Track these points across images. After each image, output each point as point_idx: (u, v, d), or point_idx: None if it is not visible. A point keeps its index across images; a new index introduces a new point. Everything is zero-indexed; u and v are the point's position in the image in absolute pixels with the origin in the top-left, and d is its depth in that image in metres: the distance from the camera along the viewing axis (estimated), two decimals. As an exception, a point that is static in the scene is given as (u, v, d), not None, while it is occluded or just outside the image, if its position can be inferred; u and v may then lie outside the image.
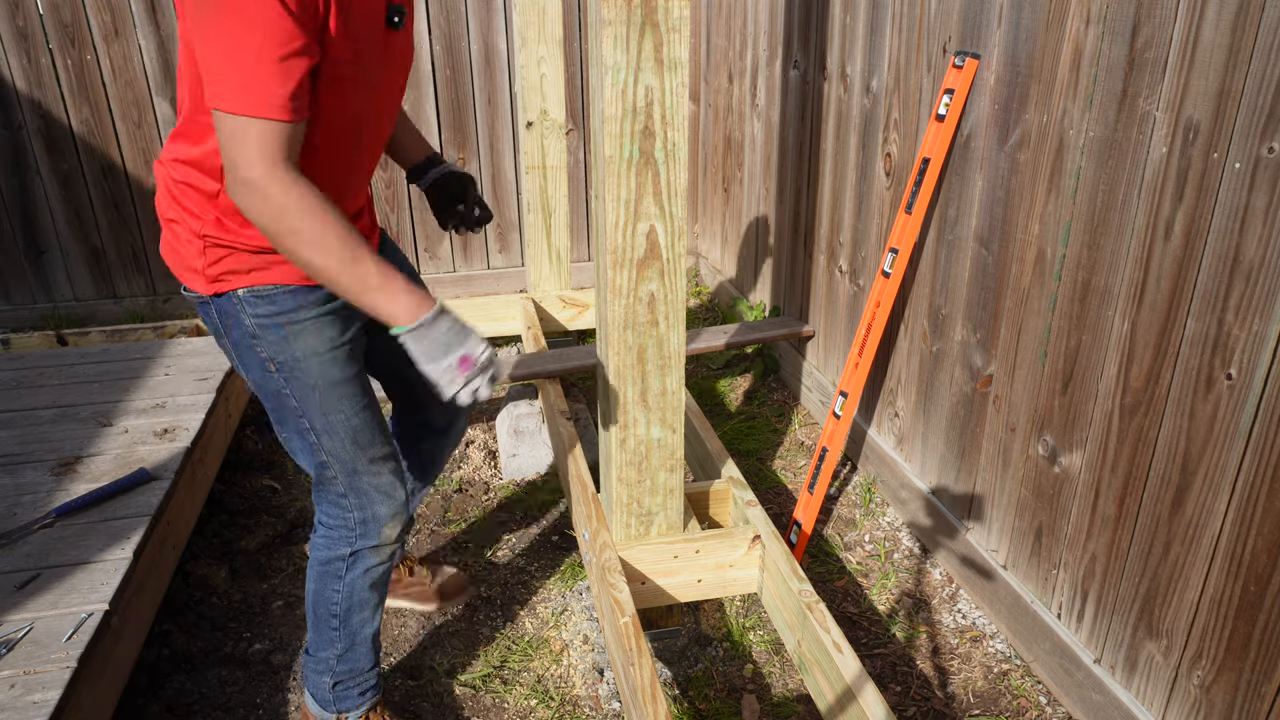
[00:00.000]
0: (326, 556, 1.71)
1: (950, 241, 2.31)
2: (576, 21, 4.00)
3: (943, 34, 2.26)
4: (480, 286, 4.26)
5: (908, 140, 2.45)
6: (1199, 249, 1.56)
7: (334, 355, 1.56)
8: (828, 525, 2.70)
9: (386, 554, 1.74)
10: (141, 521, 2.09)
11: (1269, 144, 1.42)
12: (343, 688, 1.82)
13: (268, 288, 1.50)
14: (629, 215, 1.71)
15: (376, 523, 1.68)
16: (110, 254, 3.90)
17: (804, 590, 1.90)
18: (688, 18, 1.60)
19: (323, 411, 1.57)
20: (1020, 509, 2.14)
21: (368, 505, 1.67)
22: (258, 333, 1.52)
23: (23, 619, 1.79)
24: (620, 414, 1.89)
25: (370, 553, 1.72)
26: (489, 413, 3.36)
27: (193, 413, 2.62)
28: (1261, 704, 1.53)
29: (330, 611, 1.75)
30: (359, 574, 1.72)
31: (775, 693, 2.10)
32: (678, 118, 1.66)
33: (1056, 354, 1.96)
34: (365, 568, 1.72)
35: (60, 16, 3.55)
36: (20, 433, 2.52)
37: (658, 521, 2.03)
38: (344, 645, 1.78)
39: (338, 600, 1.74)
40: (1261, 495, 1.49)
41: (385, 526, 1.69)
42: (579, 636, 2.25)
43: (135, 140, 3.76)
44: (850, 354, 2.53)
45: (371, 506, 1.67)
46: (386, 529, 1.70)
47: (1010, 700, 2.05)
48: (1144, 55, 1.65)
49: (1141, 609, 1.79)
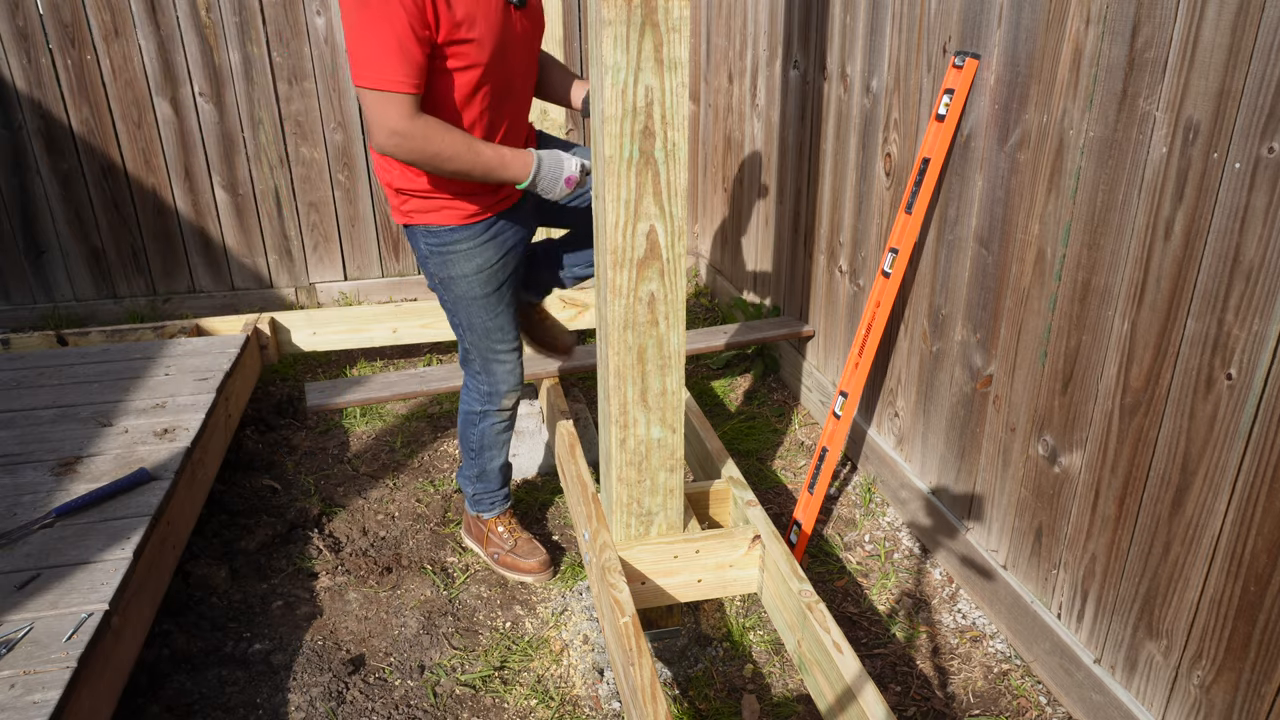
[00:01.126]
0: (466, 409, 2.39)
1: (950, 241, 2.31)
2: (576, 21, 4.00)
3: (943, 34, 2.26)
4: (480, 286, 4.25)
5: (908, 140, 2.45)
6: (1199, 249, 1.56)
7: (478, 278, 2.12)
8: (828, 525, 2.70)
9: (506, 415, 2.40)
10: (141, 521, 2.09)
11: (1269, 144, 1.42)
12: (479, 497, 2.51)
13: (434, 227, 2.06)
14: (629, 215, 1.71)
15: (498, 395, 2.33)
16: (110, 254, 3.90)
17: (804, 590, 1.90)
18: (688, 18, 1.60)
19: (467, 314, 2.19)
20: (1020, 509, 2.14)
21: (494, 383, 2.31)
22: (428, 255, 2.11)
23: (23, 619, 1.79)
24: (620, 414, 1.89)
25: (494, 413, 2.38)
26: (489, 413, 3.36)
27: (193, 413, 2.62)
28: (1261, 704, 1.53)
29: (469, 445, 2.43)
30: (487, 425, 2.39)
31: (775, 693, 2.10)
32: (678, 118, 1.66)
33: (1056, 354, 1.95)
34: (491, 423, 2.39)
35: (60, 16, 3.55)
36: (20, 433, 2.52)
37: (658, 521, 2.03)
38: (478, 469, 2.46)
39: (474, 439, 2.41)
40: (1261, 495, 1.49)
41: (504, 398, 2.34)
42: (579, 636, 2.25)
43: (135, 140, 3.76)
44: (850, 354, 2.53)
45: (496, 384, 2.31)
46: (505, 400, 2.34)
47: (1010, 700, 2.05)
48: (1144, 55, 1.65)
49: (1141, 609, 1.79)
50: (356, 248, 4.12)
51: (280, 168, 3.92)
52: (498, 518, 2.54)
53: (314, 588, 2.44)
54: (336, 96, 3.86)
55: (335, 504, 2.83)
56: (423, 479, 2.96)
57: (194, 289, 4.04)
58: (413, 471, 3.01)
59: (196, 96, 3.76)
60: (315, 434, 3.25)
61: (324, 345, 3.56)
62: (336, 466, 3.04)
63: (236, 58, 3.73)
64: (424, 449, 3.15)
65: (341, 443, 3.19)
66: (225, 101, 3.79)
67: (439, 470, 3.02)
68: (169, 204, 3.88)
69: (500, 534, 2.51)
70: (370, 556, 2.57)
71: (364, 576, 2.48)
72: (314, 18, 3.74)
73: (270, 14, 3.70)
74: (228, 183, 3.90)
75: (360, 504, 2.83)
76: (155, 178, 3.83)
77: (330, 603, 2.39)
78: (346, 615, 2.35)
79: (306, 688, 2.10)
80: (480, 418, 2.39)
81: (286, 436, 3.22)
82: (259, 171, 3.91)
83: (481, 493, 2.51)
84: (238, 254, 4.03)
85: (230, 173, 3.89)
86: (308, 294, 4.14)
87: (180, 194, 3.87)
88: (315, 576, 2.48)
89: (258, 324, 3.38)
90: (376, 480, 2.96)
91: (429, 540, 2.65)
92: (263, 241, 4.02)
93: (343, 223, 4.07)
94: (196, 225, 3.94)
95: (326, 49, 3.79)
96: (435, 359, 3.84)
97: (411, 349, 3.92)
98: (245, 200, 3.94)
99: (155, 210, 3.88)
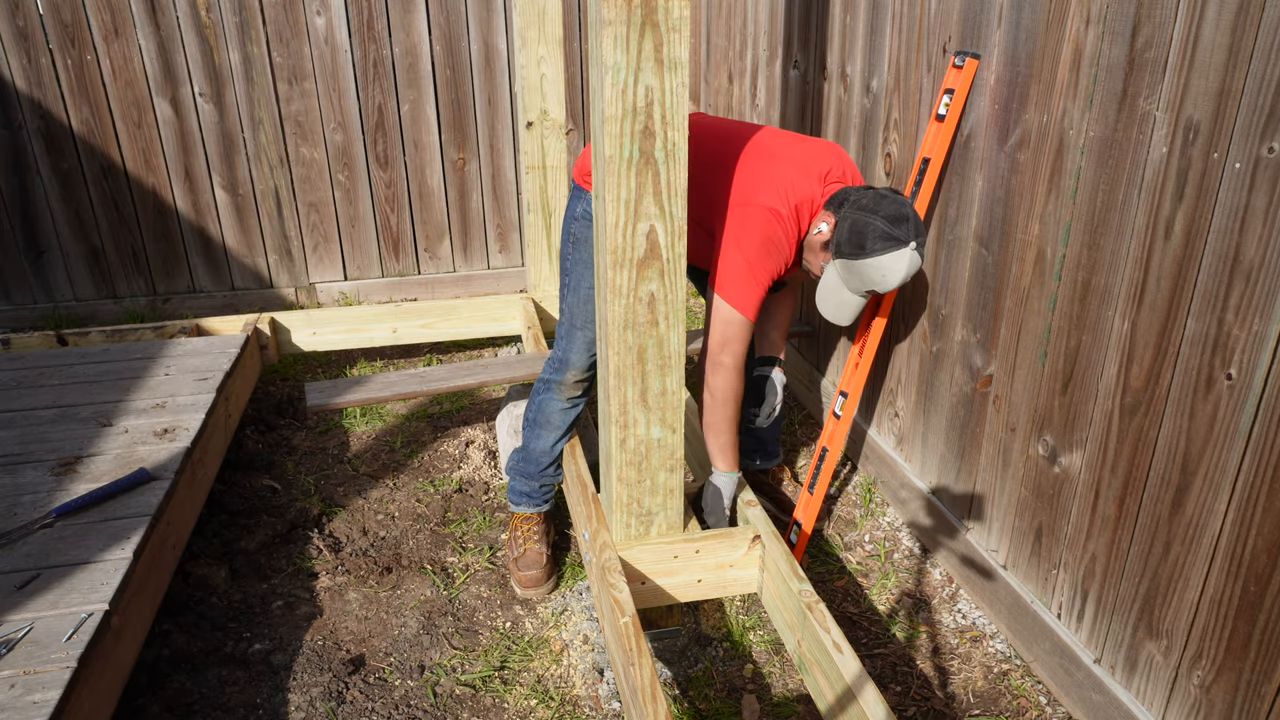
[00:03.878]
0: (539, 379, 2.43)
1: (950, 241, 2.31)
2: (576, 21, 4.00)
3: (943, 34, 2.26)
4: (481, 286, 4.26)
5: (908, 140, 2.45)
6: (1199, 249, 1.56)
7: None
8: (828, 525, 2.70)
9: (567, 395, 2.38)
10: (141, 521, 2.09)
11: (1269, 144, 1.42)
12: (515, 482, 2.50)
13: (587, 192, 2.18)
14: (629, 215, 1.71)
15: (566, 365, 2.32)
16: (110, 254, 3.90)
17: (804, 590, 1.90)
18: (688, 18, 1.59)
19: (579, 276, 2.22)
20: (1020, 509, 2.13)
21: (568, 350, 2.31)
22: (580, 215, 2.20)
23: (23, 619, 1.79)
24: (620, 414, 1.89)
25: (556, 386, 2.37)
26: (489, 413, 3.36)
27: (193, 413, 2.62)
28: (1261, 704, 1.53)
29: (527, 416, 2.46)
30: (547, 398, 2.40)
31: (775, 693, 2.10)
32: (678, 118, 1.66)
33: (1056, 354, 1.95)
34: (551, 396, 2.39)
35: (60, 16, 3.55)
36: (20, 433, 2.52)
37: (658, 521, 2.03)
38: (524, 444, 2.46)
39: (532, 409, 2.44)
40: (1261, 495, 1.49)
41: (569, 371, 2.33)
42: (579, 636, 2.25)
43: (135, 140, 3.76)
44: (850, 354, 2.53)
45: (568, 352, 2.31)
46: (570, 373, 2.33)
47: (1010, 700, 2.05)
48: (1144, 55, 1.64)
49: (1141, 609, 1.79)
50: (356, 248, 4.12)
51: (280, 168, 3.92)
52: (524, 517, 2.50)
53: (314, 588, 2.44)
54: (336, 96, 3.86)
55: (335, 504, 2.83)
56: (423, 479, 2.96)
57: (194, 289, 4.04)
58: (413, 471, 3.01)
59: (196, 96, 3.76)
60: (315, 434, 3.25)
61: (324, 345, 3.56)
62: (336, 466, 3.04)
63: (236, 58, 3.73)
64: (424, 449, 3.15)
65: (341, 443, 3.19)
66: (225, 101, 3.79)
67: (439, 470, 3.02)
68: (169, 204, 3.88)
69: (517, 536, 2.48)
70: (370, 556, 2.57)
71: (364, 576, 2.48)
72: (314, 18, 3.74)
73: (270, 14, 3.70)
74: (228, 183, 3.90)
75: (360, 504, 2.83)
76: (155, 178, 3.83)
77: (330, 603, 2.39)
78: (346, 615, 2.35)
79: (306, 688, 2.10)
80: (544, 387, 2.40)
81: (286, 436, 3.22)
82: (259, 171, 3.91)
83: (519, 475, 2.48)
84: (238, 254, 4.03)
85: (230, 173, 3.89)
86: (308, 294, 4.14)
87: (180, 194, 3.87)
88: (315, 576, 2.48)
89: (258, 324, 3.38)
90: (376, 480, 2.96)
91: (429, 540, 2.65)
92: (263, 241, 4.02)
93: (343, 223, 4.07)
94: (196, 225, 3.94)
95: (326, 49, 3.79)
96: (435, 359, 3.84)
97: (411, 349, 3.92)
98: (245, 200, 3.94)
99: (155, 210, 3.87)
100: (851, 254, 1.99)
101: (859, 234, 1.97)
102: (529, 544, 2.45)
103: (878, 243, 1.95)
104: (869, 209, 1.98)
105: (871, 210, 1.97)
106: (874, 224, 1.96)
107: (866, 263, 1.98)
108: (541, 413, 2.41)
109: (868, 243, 1.96)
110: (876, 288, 2.03)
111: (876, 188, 2.08)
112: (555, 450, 2.44)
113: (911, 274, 2.01)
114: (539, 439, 2.43)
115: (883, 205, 1.97)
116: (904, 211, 1.97)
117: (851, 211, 2.00)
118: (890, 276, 1.99)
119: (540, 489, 2.49)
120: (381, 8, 3.78)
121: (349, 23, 3.77)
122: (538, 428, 2.43)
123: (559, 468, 2.49)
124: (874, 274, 1.99)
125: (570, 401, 2.39)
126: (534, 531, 2.47)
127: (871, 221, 1.96)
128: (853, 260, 1.99)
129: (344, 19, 3.76)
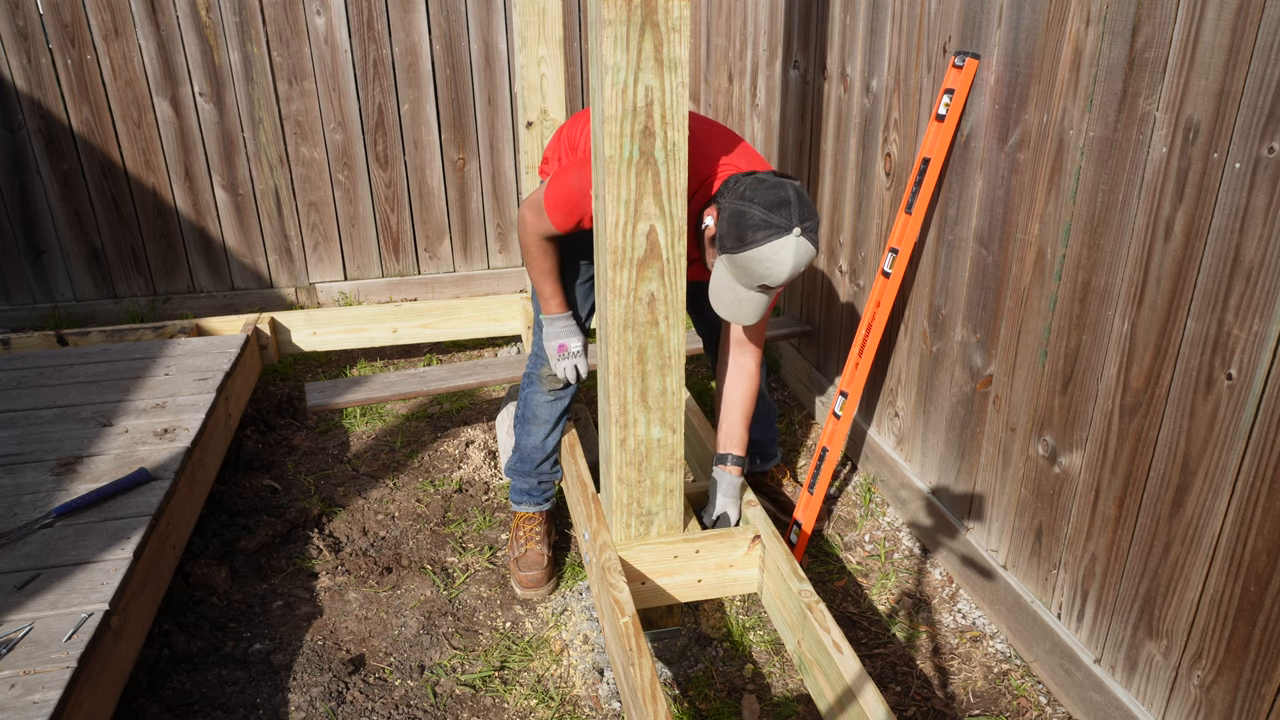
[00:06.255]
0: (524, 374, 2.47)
1: (950, 241, 2.31)
2: (576, 21, 4.00)
3: (943, 34, 2.26)
4: (481, 286, 4.26)
5: (908, 140, 2.45)
6: (1199, 249, 1.56)
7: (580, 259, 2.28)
8: (828, 525, 2.70)
9: (546, 391, 2.38)
10: (141, 521, 2.09)
11: (1269, 144, 1.42)
12: (515, 482, 2.52)
13: None
14: (629, 215, 1.71)
15: (542, 359, 2.36)
16: (110, 254, 3.90)
17: (804, 590, 1.90)
18: (688, 18, 1.59)
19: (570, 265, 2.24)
20: (1020, 509, 2.13)
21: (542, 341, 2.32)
22: None
23: (23, 619, 1.79)
24: (620, 414, 1.89)
25: (536, 379, 2.39)
26: (489, 413, 3.36)
27: (193, 413, 2.62)
28: (1261, 704, 1.53)
29: (516, 415, 2.48)
30: (530, 392, 2.42)
31: (775, 693, 2.10)
32: (678, 118, 1.66)
33: (1056, 354, 1.95)
34: (534, 390, 2.41)
35: (60, 16, 3.55)
36: (20, 433, 2.52)
37: (658, 521, 2.03)
38: (517, 443, 2.47)
39: (520, 407, 2.46)
40: (1261, 495, 1.49)
41: (543, 366, 2.36)
42: (579, 636, 2.25)
43: (135, 140, 3.76)
44: (850, 354, 2.53)
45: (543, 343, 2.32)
46: (545, 366, 2.35)
47: (1010, 700, 2.05)
48: (1144, 55, 1.64)
49: (1142, 609, 1.78)
50: (356, 247, 4.12)
51: (280, 167, 3.92)
52: (525, 517, 2.50)
53: (314, 588, 2.44)
54: (336, 96, 3.86)
55: (335, 504, 2.83)
56: (423, 479, 2.96)
57: (194, 289, 4.04)
58: (413, 471, 3.01)
59: (196, 96, 3.76)
60: (315, 434, 3.25)
61: (324, 345, 3.56)
62: (336, 466, 3.04)
63: (236, 58, 3.73)
64: (424, 449, 3.15)
65: (341, 443, 3.19)
66: (225, 101, 3.79)
67: (439, 470, 3.02)
68: (169, 204, 3.88)
69: (519, 536, 2.48)
70: (370, 556, 2.57)
71: (364, 576, 2.48)
72: (314, 18, 3.74)
73: (270, 14, 3.70)
74: (228, 182, 3.90)
75: (360, 504, 2.83)
76: (155, 177, 3.83)
77: (330, 603, 2.39)
78: (346, 615, 2.35)
79: (306, 688, 2.10)
80: (527, 382, 2.43)
81: (286, 436, 3.22)
82: (259, 171, 3.91)
83: (516, 474, 2.49)
84: (238, 254, 4.02)
85: (230, 172, 3.89)
86: (308, 294, 4.14)
87: (180, 194, 3.87)
88: (315, 576, 2.48)
89: (258, 324, 3.38)
90: (376, 480, 2.96)
91: (429, 540, 2.65)
92: (263, 241, 4.02)
93: (343, 222, 4.07)
94: (196, 225, 3.94)
95: (326, 49, 3.79)
96: (435, 359, 3.84)
97: (411, 349, 3.92)
98: (245, 200, 3.94)
99: (155, 210, 3.87)
100: (733, 247, 1.78)
101: (737, 225, 1.77)
102: (530, 544, 2.45)
103: (757, 232, 1.74)
104: (746, 197, 1.78)
105: (748, 199, 1.77)
106: (750, 212, 1.75)
107: (749, 255, 1.76)
108: (528, 407, 2.42)
109: (747, 234, 1.75)
110: (767, 281, 1.79)
111: (759, 172, 1.87)
112: (547, 445, 2.44)
113: (804, 263, 1.78)
114: (529, 435, 2.43)
115: (760, 191, 1.77)
116: (784, 195, 1.76)
117: (730, 201, 1.80)
118: (777, 268, 1.76)
119: (539, 486, 2.49)
120: (381, 7, 3.78)
121: (349, 22, 3.77)
122: (526, 424, 2.44)
123: (556, 464, 2.49)
124: (758, 267, 1.76)
125: (553, 394, 2.38)
126: (535, 532, 2.47)
127: (748, 210, 1.75)
128: (734, 254, 1.78)
129: (344, 19, 3.76)
